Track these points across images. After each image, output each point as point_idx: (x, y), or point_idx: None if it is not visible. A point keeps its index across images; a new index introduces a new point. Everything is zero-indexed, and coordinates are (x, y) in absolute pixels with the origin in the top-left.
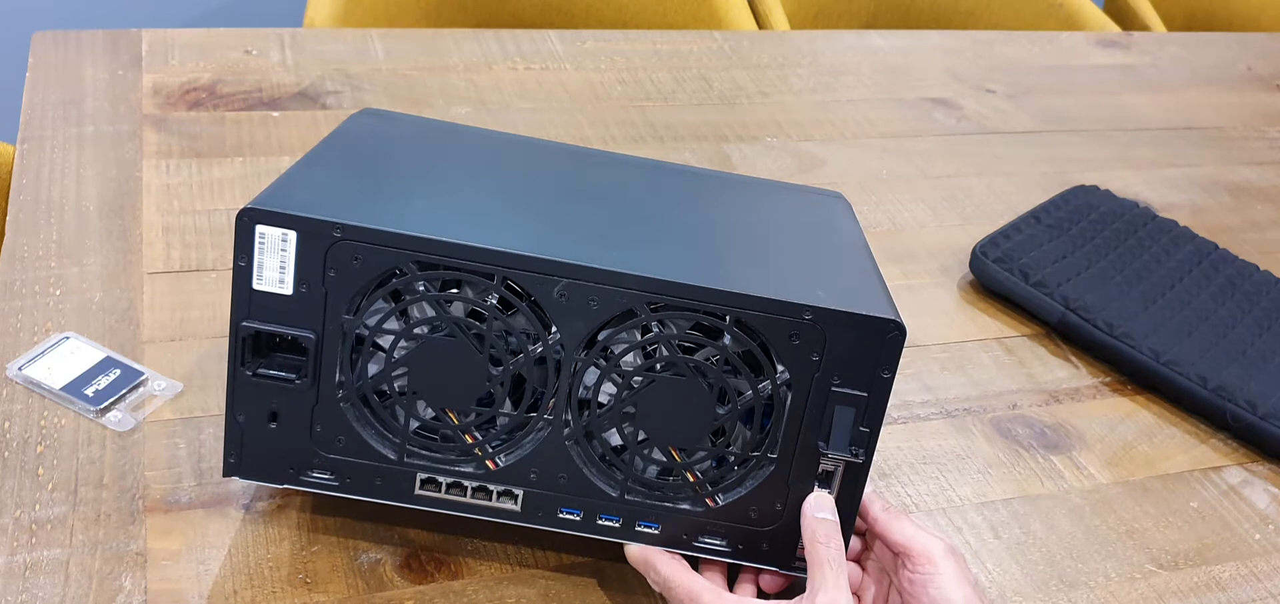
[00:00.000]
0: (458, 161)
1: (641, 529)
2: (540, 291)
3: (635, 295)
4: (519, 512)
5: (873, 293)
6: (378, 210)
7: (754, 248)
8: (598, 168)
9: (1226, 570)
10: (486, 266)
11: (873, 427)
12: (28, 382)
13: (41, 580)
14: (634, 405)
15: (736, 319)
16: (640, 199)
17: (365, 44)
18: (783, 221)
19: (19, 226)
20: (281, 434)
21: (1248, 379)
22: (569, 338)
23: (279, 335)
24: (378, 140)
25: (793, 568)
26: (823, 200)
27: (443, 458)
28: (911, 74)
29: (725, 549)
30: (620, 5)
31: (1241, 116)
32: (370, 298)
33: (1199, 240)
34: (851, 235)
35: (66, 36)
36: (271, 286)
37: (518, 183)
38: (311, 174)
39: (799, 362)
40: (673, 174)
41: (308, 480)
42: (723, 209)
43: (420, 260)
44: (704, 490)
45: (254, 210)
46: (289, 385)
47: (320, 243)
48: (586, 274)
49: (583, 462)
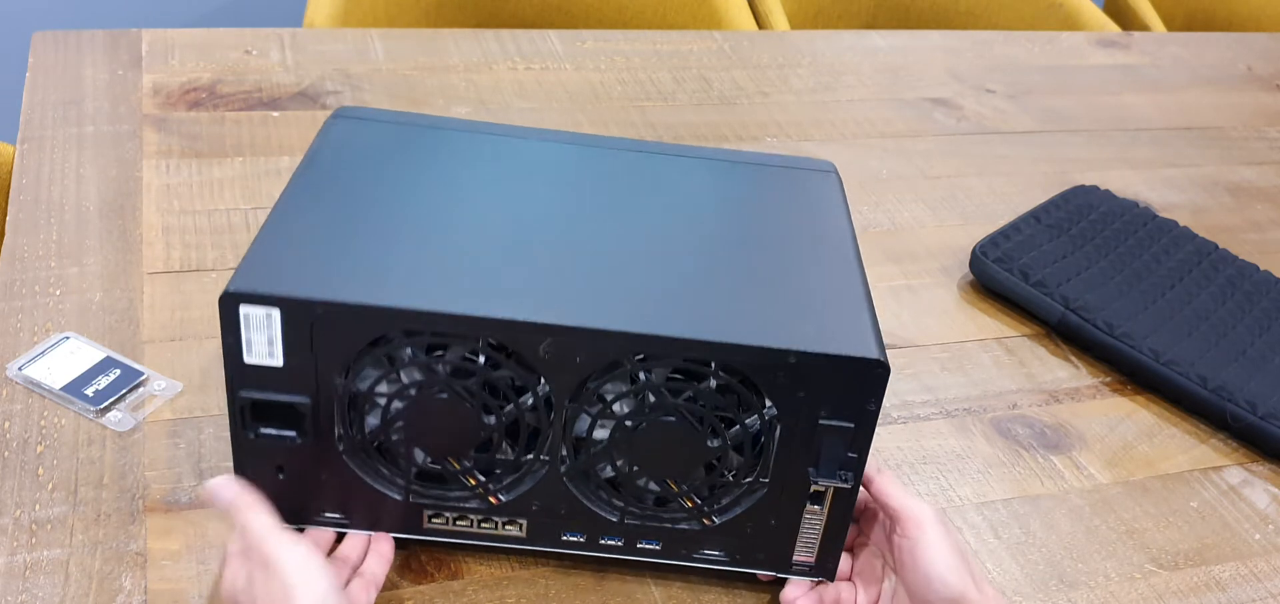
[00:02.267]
0: (437, 193)
1: (643, 546)
2: (526, 348)
3: (620, 348)
4: (524, 537)
5: (858, 326)
6: (359, 279)
7: (740, 277)
8: (582, 170)
9: (1226, 570)
10: (471, 332)
11: (861, 452)
12: (28, 382)
13: (41, 580)
14: (628, 444)
15: (722, 364)
16: (625, 218)
17: (365, 44)
18: (772, 231)
19: (19, 226)
20: (289, 483)
21: (1248, 379)
22: (558, 388)
23: (275, 404)
24: (354, 166)
25: (791, 570)
26: (811, 182)
27: (447, 495)
28: (911, 74)
29: (723, 558)
30: (620, 5)
31: (1241, 116)
32: (360, 360)
33: (1199, 240)
34: (840, 237)
35: (66, 36)
36: (262, 360)
37: (499, 220)
38: (289, 228)
39: (786, 398)
40: (660, 165)
41: (319, 521)
42: (711, 221)
43: (404, 327)
44: (701, 512)
45: (236, 294)
46: (291, 443)
47: (304, 318)
48: (570, 333)
49: (581, 494)
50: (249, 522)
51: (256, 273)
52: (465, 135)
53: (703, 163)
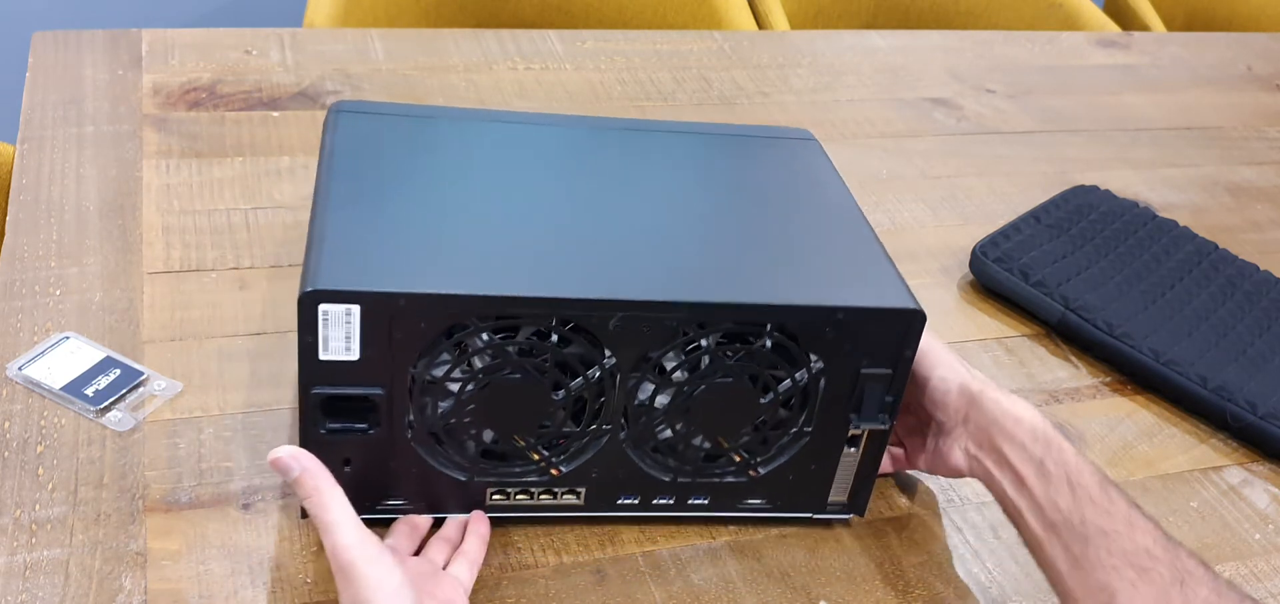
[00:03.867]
0: (467, 180)
1: (692, 502)
2: (596, 325)
3: (685, 318)
4: (582, 505)
5: (890, 281)
6: (433, 270)
7: (774, 244)
8: (596, 150)
9: (1226, 570)
10: (547, 312)
11: (897, 395)
12: (28, 382)
13: (41, 580)
14: (685, 407)
15: (776, 325)
16: (650, 194)
17: (365, 44)
18: (785, 199)
19: (19, 226)
20: (355, 475)
21: (1248, 379)
22: (624, 361)
23: (349, 398)
24: (381, 160)
25: (826, 510)
26: (798, 151)
27: (510, 471)
28: (911, 74)
29: (766, 506)
30: (620, 5)
31: (1241, 116)
32: (434, 347)
33: (1199, 240)
34: (844, 201)
35: (66, 36)
36: (338, 355)
37: (537, 203)
38: (345, 226)
39: (832, 352)
40: (661, 141)
41: (383, 508)
42: (728, 192)
43: (483, 313)
44: (748, 465)
45: (316, 292)
46: (361, 436)
47: (385, 312)
48: (639, 307)
49: (638, 458)
50: (326, 526)
51: (332, 271)
52: (471, 124)
53: (696, 135)
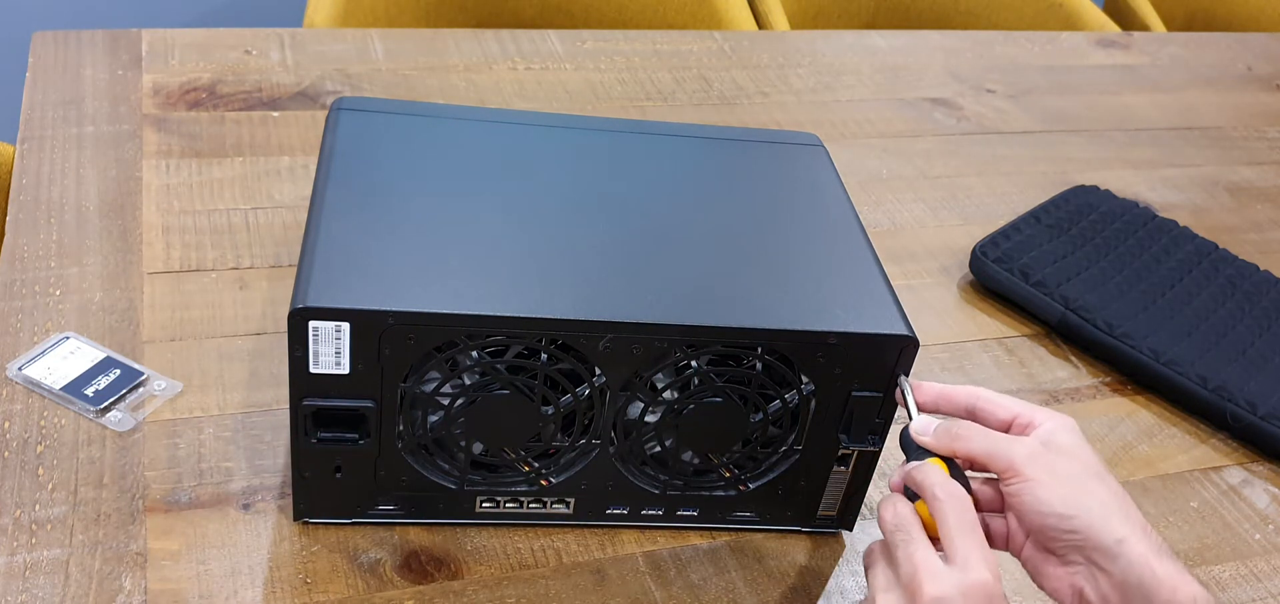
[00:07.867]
0: (467, 189)
1: (682, 514)
2: (585, 345)
3: (676, 340)
4: (571, 514)
5: (885, 305)
6: (423, 288)
7: (770, 263)
8: (596, 156)
9: (1226, 570)
10: (537, 332)
11: (887, 418)
12: (28, 382)
13: (41, 580)
14: (675, 425)
15: (767, 348)
16: (648, 206)
17: (365, 44)
18: (786, 213)
19: (19, 226)
20: (346, 482)
21: (1248, 379)
22: (613, 379)
23: (339, 409)
24: (380, 165)
25: (815, 524)
26: (803, 158)
27: (500, 481)
28: (911, 74)
29: (754, 519)
30: (620, 5)
31: (1241, 116)
32: (424, 363)
33: (1199, 240)
34: (845, 216)
35: (66, 36)
36: (328, 369)
37: (532, 216)
38: (340, 237)
39: (824, 375)
40: (664, 146)
41: (374, 514)
42: (725, 204)
43: (472, 332)
44: (737, 480)
45: (307, 309)
46: (351, 445)
47: (374, 329)
48: (629, 328)
49: (628, 471)
50: None
51: (322, 287)
52: (471, 125)
53: (700, 141)
